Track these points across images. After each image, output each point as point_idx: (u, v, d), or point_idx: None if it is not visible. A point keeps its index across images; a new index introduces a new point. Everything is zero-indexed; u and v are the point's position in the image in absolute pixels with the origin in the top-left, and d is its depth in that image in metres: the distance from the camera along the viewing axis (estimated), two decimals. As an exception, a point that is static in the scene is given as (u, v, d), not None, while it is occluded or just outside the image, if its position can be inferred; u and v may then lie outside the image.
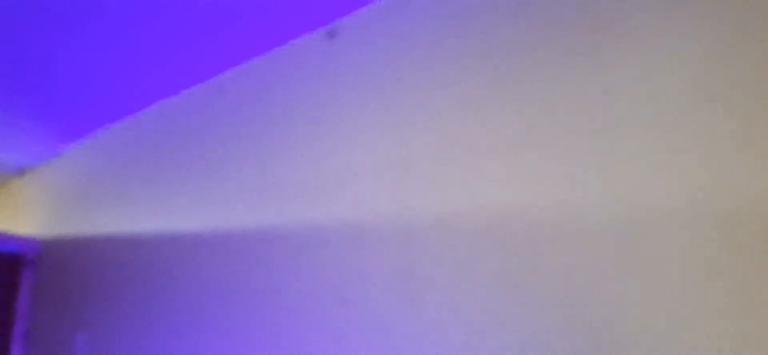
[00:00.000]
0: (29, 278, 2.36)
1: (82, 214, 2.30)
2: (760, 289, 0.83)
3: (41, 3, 1.49)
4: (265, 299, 1.47)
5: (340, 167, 1.40)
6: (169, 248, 1.83)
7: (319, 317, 1.35)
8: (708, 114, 0.92)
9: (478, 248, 1.12)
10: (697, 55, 0.95)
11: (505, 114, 1.15)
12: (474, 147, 1.18)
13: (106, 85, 1.98)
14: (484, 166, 1.15)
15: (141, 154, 2.09)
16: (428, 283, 1.17)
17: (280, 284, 1.45)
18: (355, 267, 1.30)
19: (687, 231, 0.90)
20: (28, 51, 1.74)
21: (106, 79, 1.93)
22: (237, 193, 1.65)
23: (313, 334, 1.35)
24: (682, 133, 0.94)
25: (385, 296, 1.23)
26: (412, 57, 1.34)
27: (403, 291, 1.21)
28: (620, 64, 1.03)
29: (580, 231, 1.00)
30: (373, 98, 1.39)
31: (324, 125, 1.48)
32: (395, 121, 1.33)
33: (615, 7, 1.05)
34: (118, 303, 1.96)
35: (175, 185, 1.89)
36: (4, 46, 1.71)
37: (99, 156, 2.33)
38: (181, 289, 1.74)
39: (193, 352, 1.65)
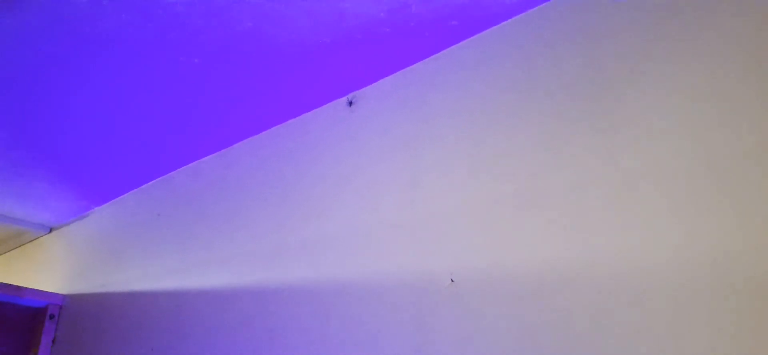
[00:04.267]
0: (51, 331, 2.42)
1: (104, 271, 2.39)
2: None
3: (71, 74, 1.64)
4: (276, 352, 1.53)
5: (356, 227, 1.49)
6: (187, 305, 1.90)
7: (333, 367, 1.40)
8: (716, 176, 1.00)
9: (490, 304, 1.18)
10: (706, 117, 1.04)
11: (514, 175, 1.24)
12: (484, 207, 1.26)
13: (131, 151, 2.11)
14: (494, 225, 1.23)
15: (164, 216, 2.19)
16: (441, 338, 1.23)
17: (297, 341, 1.51)
18: (369, 323, 1.36)
19: (695, 290, 0.95)
20: (61, 119, 1.88)
21: (131, 145, 2.06)
22: (255, 253, 1.74)
23: (328, 384, 1.40)
24: (690, 194, 1.01)
25: (397, 352, 1.29)
26: (424, 123, 1.45)
27: (415, 347, 1.26)
28: (628, 125, 1.12)
29: (590, 288, 1.05)
30: (387, 161, 1.49)
31: (340, 187, 1.58)
32: (408, 183, 1.42)
33: (623, 69, 1.16)
34: (136, 357, 2.02)
35: (195, 245, 1.98)
36: (38, 116, 1.86)
37: (123, 216, 2.44)
38: (197, 345, 1.79)
39: (208, 404, 1.68)
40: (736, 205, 0.94)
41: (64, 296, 2.52)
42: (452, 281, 1.24)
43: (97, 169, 2.26)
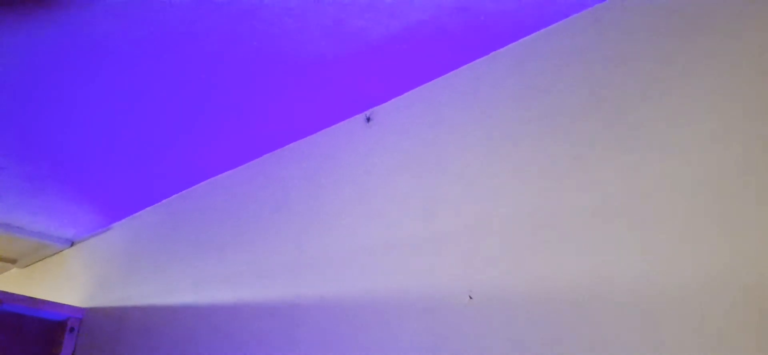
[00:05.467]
0: (71, 344, 2.45)
1: (124, 285, 2.41)
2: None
3: (93, 91, 1.67)
4: (298, 367, 1.53)
5: (373, 243, 1.49)
6: (204, 320, 1.91)
7: (350, 384, 1.39)
8: (738, 192, 0.98)
9: (509, 322, 1.17)
10: (726, 133, 1.03)
11: (533, 192, 1.24)
12: (503, 224, 1.26)
13: (151, 167, 2.14)
14: (513, 242, 1.23)
15: (183, 230, 2.22)
16: None
17: None
18: (387, 341, 1.36)
19: (719, 310, 0.94)
20: (83, 136, 1.92)
21: (151, 161, 2.09)
22: (273, 268, 1.75)
23: (344, 402, 1.39)
24: (712, 211, 1.00)
25: (414, 365, 1.28)
26: (442, 139, 1.45)
27: (431, 362, 1.25)
28: (647, 143, 1.11)
29: (611, 307, 1.04)
30: (405, 177, 1.50)
31: (358, 203, 1.58)
32: (426, 199, 1.42)
33: (641, 85, 1.15)
34: (153, 371, 2.03)
35: (213, 261, 2.00)
36: (61, 132, 1.90)
37: (142, 231, 2.47)
38: (216, 357, 1.80)
39: (225, 420, 1.68)
40: (761, 221, 0.93)
41: (84, 310, 2.54)
42: (471, 298, 1.23)
43: (118, 184, 2.30)
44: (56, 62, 1.55)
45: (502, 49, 1.42)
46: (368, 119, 1.66)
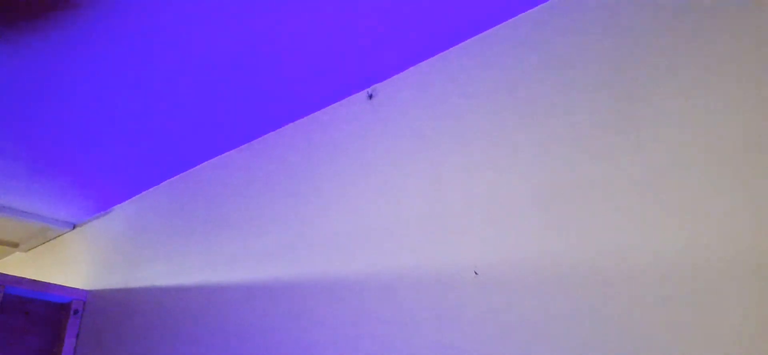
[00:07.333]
0: (75, 326, 2.46)
1: (127, 267, 2.42)
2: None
3: (92, 72, 1.66)
4: (302, 349, 1.53)
5: (377, 221, 1.49)
6: (208, 301, 1.91)
7: (356, 361, 1.40)
8: (742, 172, 0.97)
9: (514, 297, 1.17)
10: (730, 114, 1.02)
11: (537, 169, 1.23)
12: (508, 200, 1.25)
13: (152, 148, 2.13)
14: (518, 219, 1.22)
15: (185, 211, 2.21)
16: (465, 331, 1.22)
17: (318, 335, 1.51)
18: (392, 318, 1.36)
19: (721, 287, 0.93)
20: (83, 118, 1.90)
21: (152, 142, 2.08)
22: (277, 248, 1.74)
23: (350, 378, 1.40)
24: (715, 191, 0.99)
25: (419, 346, 1.28)
26: (445, 116, 1.44)
27: (439, 340, 1.25)
28: (651, 121, 1.10)
29: (614, 283, 1.04)
30: (408, 155, 1.48)
31: (361, 182, 1.57)
32: (430, 177, 1.41)
33: (646, 64, 1.14)
34: (157, 352, 2.04)
35: (215, 241, 1.99)
36: (61, 114, 1.88)
37: (144, 213, 2.46)
38: (219, 339, 1.81)
39: (231, 398, 1.69)
40: (761, 206, 0.92)
41: (88, 292, 2.55)
42: (476, 274, 1.22)
43: (119, 166, 2.29)
44: (55, 45, 1.53)
45: (508, 22, 1.40)
46: (370, 96, 1.65)
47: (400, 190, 1.47)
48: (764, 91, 0.97)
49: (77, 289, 2.54)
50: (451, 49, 1.50)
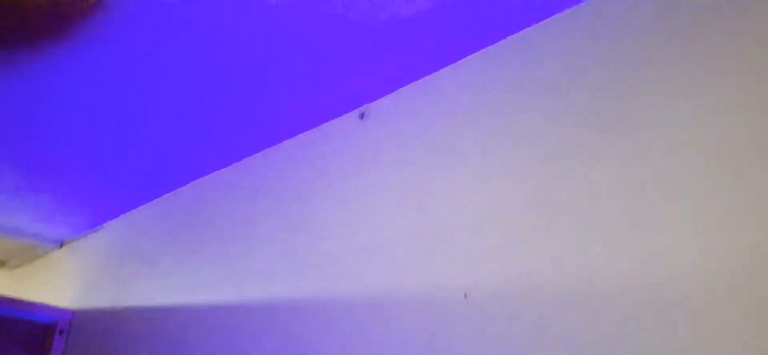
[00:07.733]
0: (60, 347, 2.41)
1: (115, 286, 2.38)
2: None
3: (81, 90, 1.64)
4: (291, 368, 1.50)
5: (367, 241, 1.47)
6: (197, 320, 1.88)
7: (344, 385, 1.37)
8: (738, 182, 0.96)
9: (505, 319, 1.15)
10: (727, 122, 1.01)
11: (529, 187, 1.22)
12: (499, 220, 1.24)
13: (142, 166, 2.11)
14: (509, 239, 1.21)
15: (175, 230, 2.18)
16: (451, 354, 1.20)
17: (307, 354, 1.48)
18: (381, 340, 1.34)
19: (718, 300, 0.92)
20: (73, 134, 1.88)
21: (142, 159, 2.06)
22: (267, 267, 1.72)
23: (338, 403, 1.37)
24: (712, 201, 0.98)
25: (409, 365, 1.26)
26: (436, 135, 1.43)
27: (427, 363, 1.23)
28: (646, 133, 1.09)
29: (610, 301, 1.02)
30: (399, 174, 1.47)
31: (352, 200, 1.56)
32: (420, 196, 1.40)
33: (640, 75, 1.13)
34: (144, 373, 1.99)
35: (205, 260, 1.97)
36: (50, 130, 1.87)
37: (133, 231, 2.43)
38: (208, 358, 1.77)
39: (217, 422, 1.66)
40: (760, 211, 0.91)
41: (74, 312, 2.50)
42: (466, 296, 1.20)
43: (108, 184, 2.26)
44: (44, 64, 1.51)
45: (498, 43, 1.40)
46: (362, 116, 1.64)
47: (389, 211, 1.45)
48: (764, 92, 0.97)
49: (63, 308, 2.49)
50: (443, 69, 1.49)
